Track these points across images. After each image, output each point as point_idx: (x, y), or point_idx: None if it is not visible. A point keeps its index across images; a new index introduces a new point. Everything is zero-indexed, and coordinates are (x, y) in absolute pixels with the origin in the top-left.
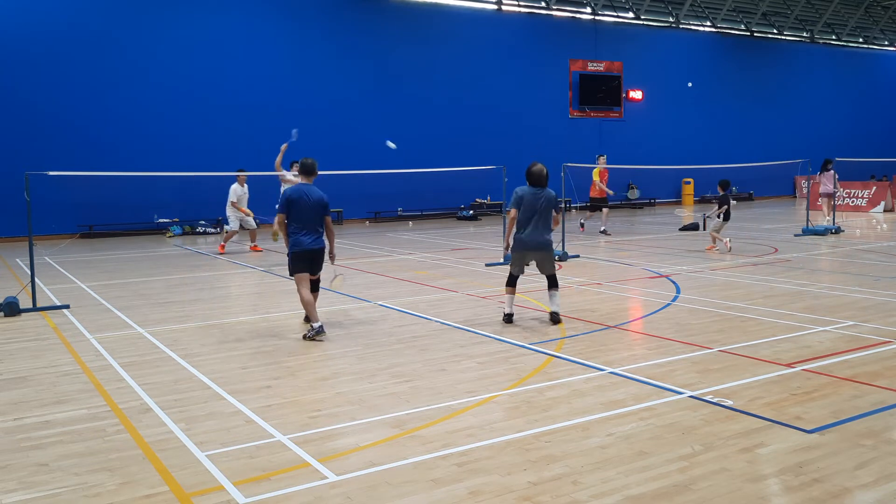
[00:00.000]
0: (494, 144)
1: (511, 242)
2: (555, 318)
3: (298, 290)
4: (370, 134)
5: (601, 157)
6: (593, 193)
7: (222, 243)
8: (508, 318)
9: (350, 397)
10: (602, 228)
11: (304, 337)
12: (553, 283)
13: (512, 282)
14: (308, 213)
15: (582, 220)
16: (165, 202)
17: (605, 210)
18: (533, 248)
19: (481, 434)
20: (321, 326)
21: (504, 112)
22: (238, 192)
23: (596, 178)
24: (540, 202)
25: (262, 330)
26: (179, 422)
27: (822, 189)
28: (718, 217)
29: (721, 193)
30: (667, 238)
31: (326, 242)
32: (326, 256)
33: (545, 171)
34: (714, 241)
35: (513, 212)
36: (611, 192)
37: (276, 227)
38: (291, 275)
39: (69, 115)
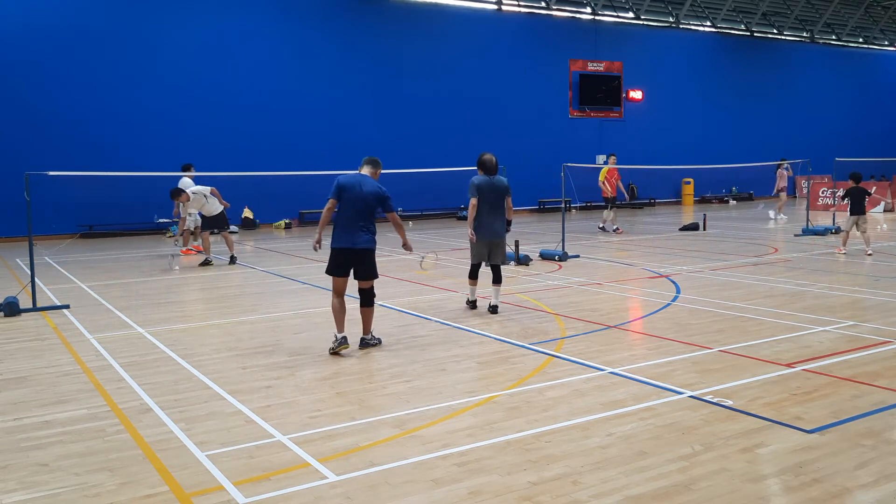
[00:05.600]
0: (494, 144)
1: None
2: (493, 311)
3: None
4: (370, 134)
5: (611, 157)
6: (605, 194)
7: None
8: (472, 305)
9: (350, 397)
10: (601, 225)
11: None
12: (497, 278)
13: (474, 273)
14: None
15: (601, 225)
16: (165, 202)
17: (611, 210)
18: (491, 236)
19: (481, 434)
20: (344, 338)
21: (504, 112)
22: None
23: (602, 177)
24: (496, 190)
25: (262, 330)
26: (179, 422)
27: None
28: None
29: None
30: (667, 238)
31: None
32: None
33: (495, 159)
34: (843, 243)
35: (474, 200)
36: (611, 194)
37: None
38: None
39: (69, 115)
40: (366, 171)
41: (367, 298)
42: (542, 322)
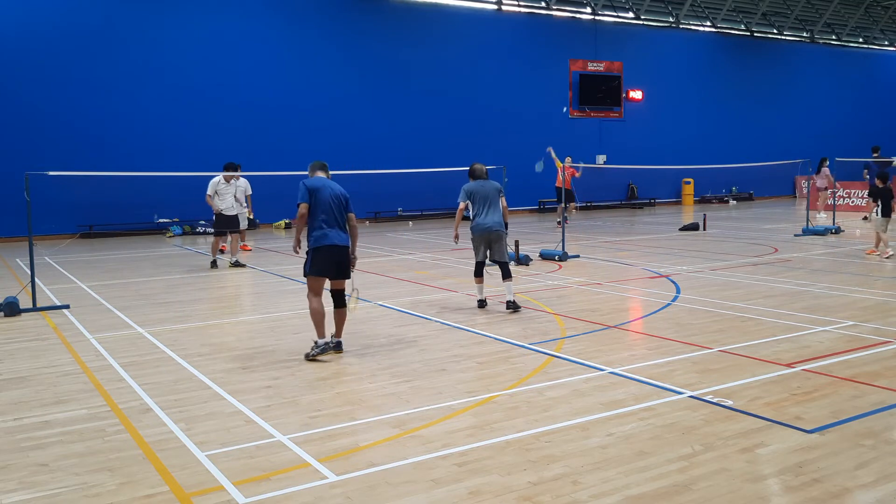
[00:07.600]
0: (495, 144)
1: (458, 233)
2: (512, 307)
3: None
4: (370, 133)
5: (567, 158)
6: (558, 184)
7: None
8: (482, 304)
9: (350, 397)
10: (558, 220)
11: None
12: (506, 274)
13: (479, 271)
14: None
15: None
16: (165, 202)
17: (561, 206)
18: (485, 231)
19: (481, 434)
20: (327, 344)
21: (504, 112)
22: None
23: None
24: (487, 190)
25: (261, 330)
26: (179, 422)
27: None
28: (876, 214)
29: (879, 186)
30: (667, 238)
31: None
32: None
33: (484, 168)
34: (877, 245)
35: (462, 204)
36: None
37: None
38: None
39: (69, 115)
40: (324, 174)
41: (341, 299)
42: (542, 322)
